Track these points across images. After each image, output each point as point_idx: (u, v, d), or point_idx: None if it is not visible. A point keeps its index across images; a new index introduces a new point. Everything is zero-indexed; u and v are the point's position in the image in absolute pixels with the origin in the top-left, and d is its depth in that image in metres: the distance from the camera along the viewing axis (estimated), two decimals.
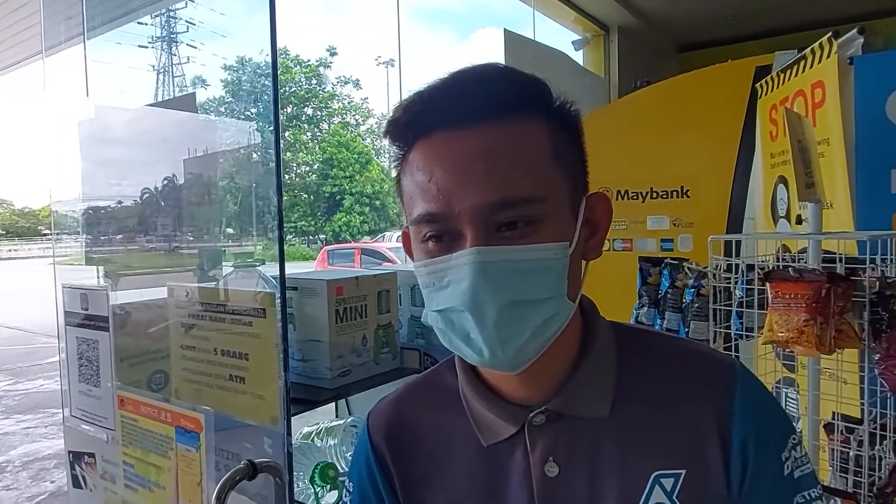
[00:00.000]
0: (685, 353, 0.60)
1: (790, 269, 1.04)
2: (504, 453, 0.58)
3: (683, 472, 0.54)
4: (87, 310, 1.18)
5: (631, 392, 0.57)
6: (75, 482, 1.26)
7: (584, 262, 0.58)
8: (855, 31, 1.42)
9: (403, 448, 0.63)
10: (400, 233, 0.66)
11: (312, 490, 1.20)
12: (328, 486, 1.21)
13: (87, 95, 1.26)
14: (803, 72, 1.66)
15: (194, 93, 1.01)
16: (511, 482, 0.57)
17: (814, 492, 0.57)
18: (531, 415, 0.57)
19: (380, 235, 22.31)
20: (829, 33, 1.46)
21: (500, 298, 0.50)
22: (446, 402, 0.62)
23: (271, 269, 1.01)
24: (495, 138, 0.51)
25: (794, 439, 0.57)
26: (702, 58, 3.85)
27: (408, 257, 0.60)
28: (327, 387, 1.20)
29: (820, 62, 1.55)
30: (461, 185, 0.51)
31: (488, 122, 0.52)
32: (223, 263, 1.17)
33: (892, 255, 1.07)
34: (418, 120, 0.53)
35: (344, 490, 0.67)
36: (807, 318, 0.98)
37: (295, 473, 1.21)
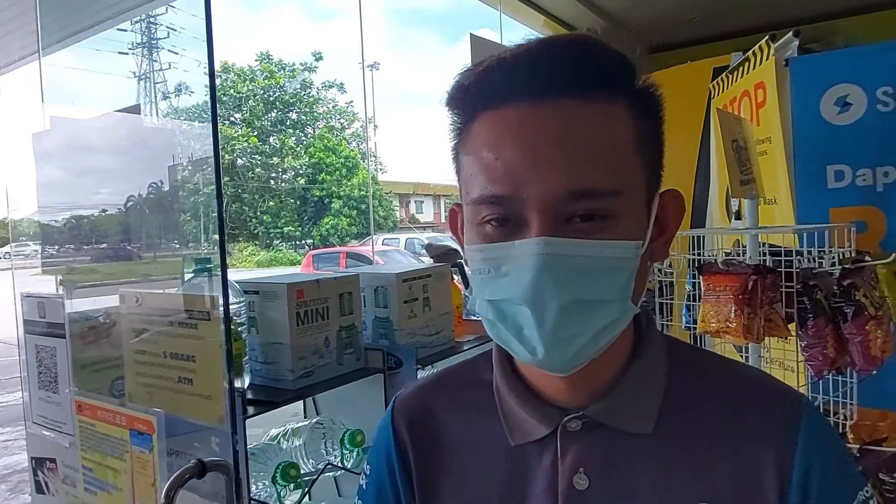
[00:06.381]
0: (746, 378, 0.55)
1: (719, 262, 1.09)
2: (531, 456, 0.54)
3: None
4: (44, 318, 1.20)
5: (679, 411, 0.52)
6: (38, 488, 1.27)
7: (649, 264, 0.52)
8: (791, 33, 1.48)
9: (426, 438, 0.60)
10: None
11: (275, 490, 1.23)
12: (291, 486, 1.23)
13: (43, 102, 1.27)
14: (748, 73, 1.72)
15: (138, 104, 1.04)
16: (534, 488, 0.53)
17: None
18: (566, 418, 0.53)
19: (367, 238, 22.28)
20: (767, 36, 1.52)
21: (564, 296, 0.45)
22: (477, 396, 0.59)
23: (234, 275, 1.04)
24: (577, 118, 0.45)
25: (866, 493, 0.50)
26: (670, 59, 3.92)
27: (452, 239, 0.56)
28: (289, 388, 1.22)
29: (761, 64, 1.61)
30: (534, 168, 0.45)
31: (569, 99, 0.46)
32: (184, 270, 1.19)
33: (818, 246, 1.13)
34: (491, 88, 0.47)
35: (362, 473, 0.65)
36: (735, 308, 1.03)
37: (260, 474, 1.23)
